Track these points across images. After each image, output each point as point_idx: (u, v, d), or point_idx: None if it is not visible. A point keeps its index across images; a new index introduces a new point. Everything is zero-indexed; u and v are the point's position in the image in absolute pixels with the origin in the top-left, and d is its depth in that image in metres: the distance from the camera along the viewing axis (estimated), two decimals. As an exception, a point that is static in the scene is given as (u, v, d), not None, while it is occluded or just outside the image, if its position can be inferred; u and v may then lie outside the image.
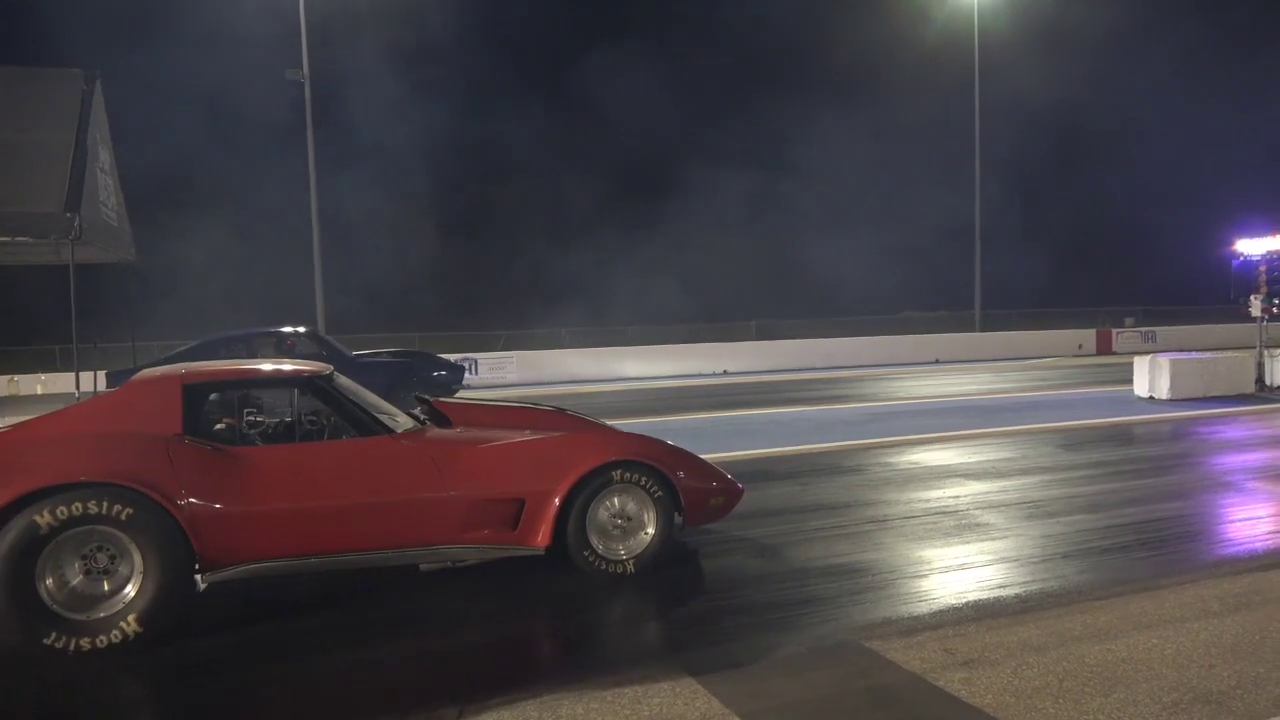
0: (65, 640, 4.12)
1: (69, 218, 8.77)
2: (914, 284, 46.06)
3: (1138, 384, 14.29)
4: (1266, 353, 15.24)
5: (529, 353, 23.61)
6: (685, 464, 5.50)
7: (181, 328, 23.15)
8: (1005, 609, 4.53)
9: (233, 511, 4.46)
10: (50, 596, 4.16)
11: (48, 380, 17.18)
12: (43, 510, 4.10)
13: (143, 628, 4.21)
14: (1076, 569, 5.19)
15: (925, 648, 4.04)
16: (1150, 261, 47.74)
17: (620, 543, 5.20)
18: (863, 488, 7.64)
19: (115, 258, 11.51)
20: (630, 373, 22.68)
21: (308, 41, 22.01)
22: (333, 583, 5.18)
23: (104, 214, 10.39)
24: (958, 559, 5.46)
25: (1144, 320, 33.61)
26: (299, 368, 5.44)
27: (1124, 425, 11.36)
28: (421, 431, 5.28)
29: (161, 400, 4.79)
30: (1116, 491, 7.28)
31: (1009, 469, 8.37)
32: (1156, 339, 28.82)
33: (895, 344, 27.00)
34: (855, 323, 32.98)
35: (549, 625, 4.76)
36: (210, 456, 4.61)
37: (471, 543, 4.90)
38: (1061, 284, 44.45)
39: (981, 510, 6.69)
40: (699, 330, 30.29)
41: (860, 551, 5.64)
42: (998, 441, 10.08)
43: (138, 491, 4.25)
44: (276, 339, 13.47)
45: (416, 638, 4.42)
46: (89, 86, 9.97)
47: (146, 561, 4.25)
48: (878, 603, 4.69)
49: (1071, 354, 27.28)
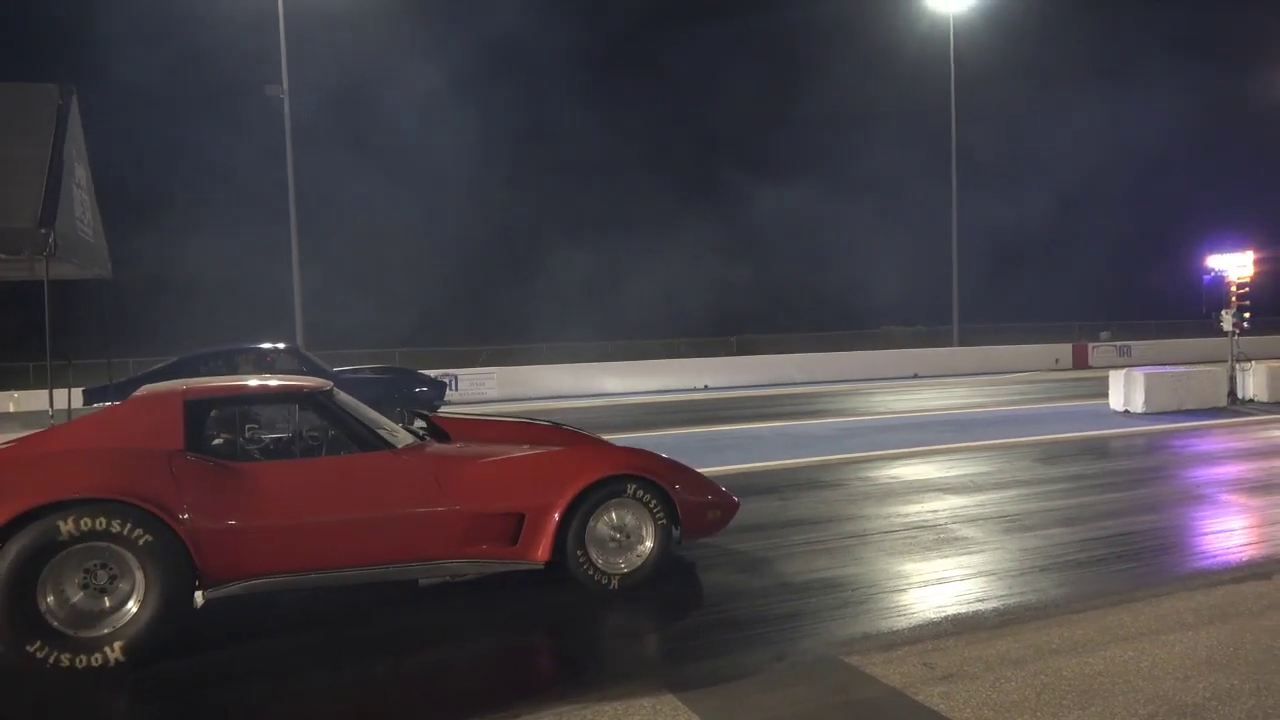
0: (48, 652, 4.09)
1: (43, 233, 8.68)
2: (893, 299, 46.42)
3: (1113, 398, 14.45)
4: (1238, 366, 15.47)
5: (510, 368, 23.56)
6: (682, 477, 5.53)
7: (159, 344, 22.94)
8: (984, 623, 4.56)
9: (234, 527, 4.46)
10: (48, 609, 4.15)
11: (20, 398, 16.95)
12: (65, 519, 4.12)
13: (125, 657, 4.19)
14: (1054, 582, 5.23)
15: (905, 662, 4.06)
16: (1125, 276, 48.39)
17: (619, 556, 5.21)
18: (842, 502, 7.67)
19: (91, 274, 11.39)
20: (611, 388, 22.68)
21: (286, 57, 21.98)
22: (324, 598, 5.15)
23: (80, 230, 10.30)
24: (936, 573, 5.48)
25: (1119, 335, 33.97)
26: (300, 383, 5.45)
27: (1100, 439, 11.48)
28: (421, 446, 5.28)
29: (163, 416, 4.79)
30: (1093, 505, 7.35)
31: (987, 483, 8.43)
32: (1131, 353, 29.16)
33: (874, 359, 27.17)
34: (835, 337, 33.19)
35: (534, 642, 4.74)
36: (212, 472, 4.60)
37: (471, 557, 4.90)
38: (1038, 299, 44.94)
39: (960, 524, 6.73)
40: (679, 345, 30.36)
41: (840, 566, 5.65)
42: (975, 456, 10.15)
43: (140, 507, 4.24)
44: (255, 355, 13.37)
45: (402, 655, 4.39)
46: (64, 101, 9.89)
47: (148, 577, 4.24)
48: (857, 617, 4.70)
49: (1048, 368, 27.54)
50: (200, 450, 4.76)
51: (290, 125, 22.17)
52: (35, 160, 9.18)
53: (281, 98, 22.05)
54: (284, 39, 21.94)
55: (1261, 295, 16.05)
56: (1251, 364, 15.68)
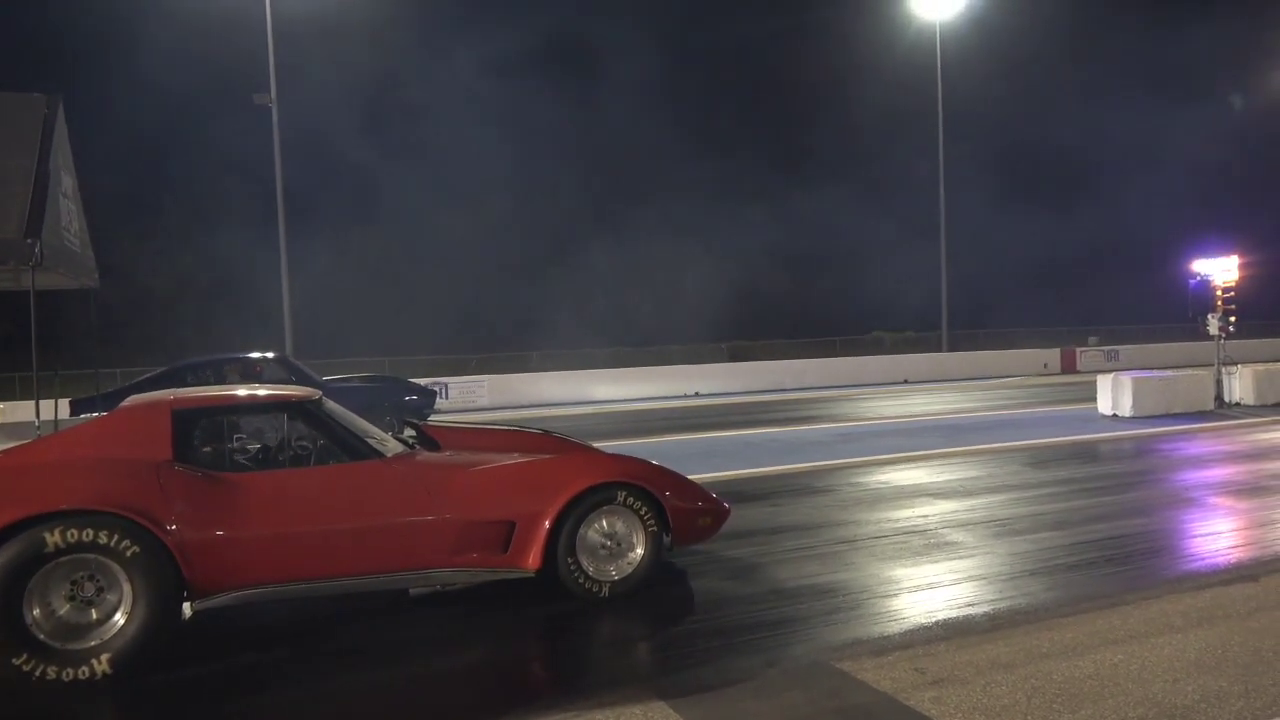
0: (34, 665, 4.06)
1: (29, 244, 8.62)
2: (883, 305, 46.58)
3: (1101, 402, 14.52)
4: (1224, 370, 15.58)
5: (500, 376, 23.53)
6: (673, 484, 5.52)
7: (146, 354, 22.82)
8: (974, 627, 4.57)
9: (222, 537, 4.43)
10: (34, 622, 4.11)
11: (6, 409, 16.80)
12: (52, 531, 4.09)
13: (113, 670, 4.15)
14: (1044, 586, 5.25)
15: (896, 667, 4.06)
16: (1113, 281, 48.71)
17: (610, 564, 5.19)
18: (833, 508, 7.68)
19: (78, 284, 11.33)
20: (601, 395, 22.67)
21: (275, 66, 21.95)
22: (314, 609, 5.12)
23: (66, 240, 10.25)
24: (927, 578, 5.49)
25: (1107, 339, 34.21)
26: (288, 393, 5.42)
27: (1088, 443, 11.53)
28: (411, 455, 5.26)
29: (150, 426, 4.75)
30: (1082, 509, 7.38)
31: (977, 487, 8.46)
32: (1119, 357, 29.33)
33: (865, 365, 27.26)
34: (825, 344, 33.28)
35: (525, 650, 4.72)
36: (200, 482, 4.57)
37: (462, 566, 4.88)
38: (1027, 304, 45.17)
39: (950, 529, 6.75)
40: (671, 352, 30.37)
41: (831, 572, 5.66)
42: (965, 460, 10.18)
43: (127, 519, 4.21)
44: (243, 365, 13.31)
45: (393, 665, 4.37)
46: (51, 111, 9.84)
47: (136, 589, 4.21)
48: (849, 623, 4.71)
49: (1037, 373, 27.68)
50: (188, 460, 4.73)
51: (279, 135, 22.14)
52: (21, 170, 9.13)
53: (269, 106, 22.02)
54: (272, 48, 21.92)
55: (1246, 299, 16.19)
56: (1238, 367, 15.80)
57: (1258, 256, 17.27)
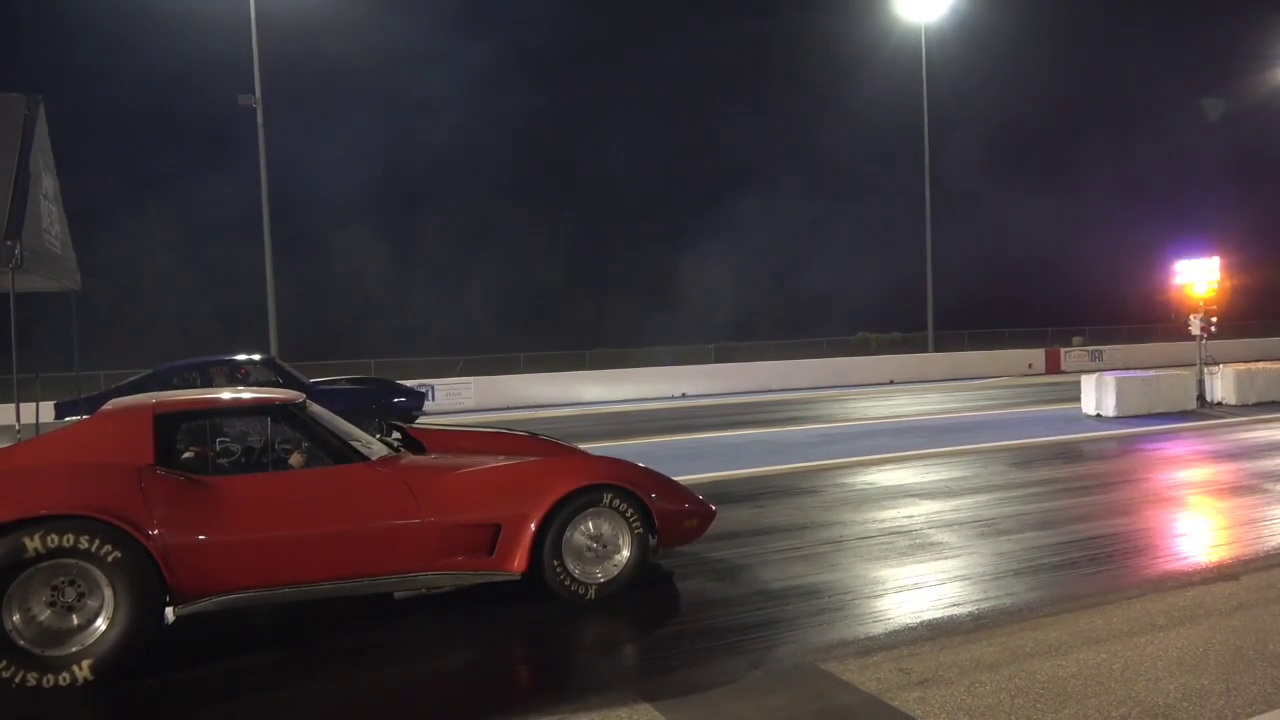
0: (14, 671, 4.01)
1: (9, 245, 8.54)
2: (869, 306, 46.73)
3: (1085, 402, 14.62)
4: (1206, 370, 15.72)
5: (486, 378, 23.46)
6: (659, 486, 5.52)
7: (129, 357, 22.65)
8: (959, 627, 4.59)
9: (206, 542, 4.39)
10: (14, 628, 4.07)
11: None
12: (32, 536, 4.05)
13: (94, 675, 4.11)
14: (1028, 586, 5.27)
15: (880, 668, 4.07)
16: (1096, 282, 49.04)
17: (596, 566, 5.19)
18: (819, 509, 7.69)
19: (59, 286, 11.22)
20: (588, 396, 22.65)
21: (260, 66, 21.82)
22: (298, 613, 5.09)
23: (47, 241, 10.15)
24: (912, 578, 5.51)
25: (1091, 339, 34.44)
26: (272, 396, 5.40)
27: (1072, 443, 11.60)
28: (396, 458, 5.24)
29: (132, 430, 4.71)
30: (1066, 508, 7.42)
31: (961, 488, 8.49)
32: (1103, 357, 29.55)
33: (851, 365, 27.34)
34: (812, 345, 33.35)
35: (511, 653, 4.71)
36: (182, 486, 4.53)
37: (447, 569, 4.86)
38: (1011, 304, 45.42)
39: (935, 529, 6.77)
40: (657, 353, 30.38)
41: (816, 573, 5.67)
42: (950, 461, 10.23)
43: (108, 523, 4.17)
44: (230, 367, 13.23)
45: (378, 668, 4.34)
46: (31, 111, 9.75)
47: (117, 595, 4.17)
48: (834, 624, 4.72)
49: (1021, 373, 27.84)
50: (171, 464, 4.69)
51: (264, 135, 22.01)
52: (1, 171, 9.05)
53: (254, 107, 21.90)
54: (256, 49, 21.79)
55: (1228, 300, 16.34)
56: (1219, 367, 15.95)
57: (1240, 258, 17.41)
